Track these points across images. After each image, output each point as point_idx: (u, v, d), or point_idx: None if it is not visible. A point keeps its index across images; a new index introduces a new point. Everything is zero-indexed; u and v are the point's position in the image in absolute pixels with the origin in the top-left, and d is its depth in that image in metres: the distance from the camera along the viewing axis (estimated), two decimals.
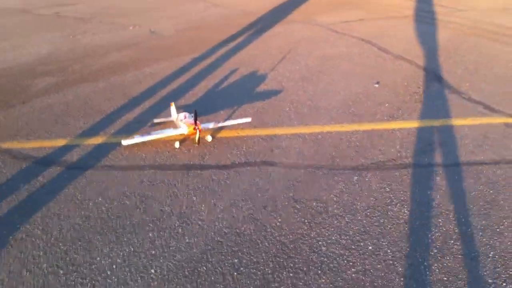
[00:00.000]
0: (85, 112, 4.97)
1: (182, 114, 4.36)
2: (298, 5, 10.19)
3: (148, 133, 4.26)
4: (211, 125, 4.33)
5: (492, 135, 4.32)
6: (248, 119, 4.52)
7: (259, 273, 2.74)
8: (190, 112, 4.35)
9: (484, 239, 2.93)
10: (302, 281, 2.63)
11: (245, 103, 5.14)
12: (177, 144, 4.22)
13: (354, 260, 2.80)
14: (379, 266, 2.69)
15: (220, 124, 4.42)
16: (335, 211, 3.30)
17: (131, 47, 7.44)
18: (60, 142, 4.30)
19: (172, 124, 4.46)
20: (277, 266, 2.80)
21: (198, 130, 4.09)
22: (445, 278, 2.59)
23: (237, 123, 4.48)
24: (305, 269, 2.74)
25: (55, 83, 5.76)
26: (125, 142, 4.16)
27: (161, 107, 5.05)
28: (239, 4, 10.58)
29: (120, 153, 4.13)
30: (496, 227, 3.07)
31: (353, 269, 2.68)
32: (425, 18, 8.94)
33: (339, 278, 2.62)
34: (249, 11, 9.83)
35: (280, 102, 5.19)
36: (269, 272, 2.73)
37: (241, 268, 2.78)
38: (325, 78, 5.92)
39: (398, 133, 4.43)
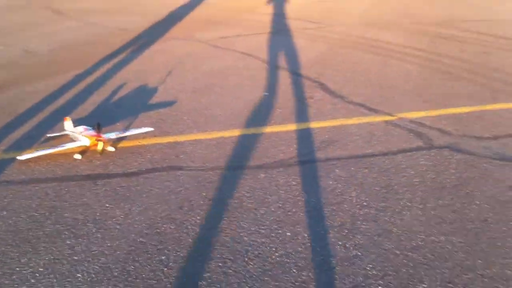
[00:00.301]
0: None
1: (80, 127, 4.37)
2: (174, 23, 10.34)
3: (47, 148, 4.21)
4: (113, 135, 4.36)
5: (376, 131, 4.72)
6: (150, 129, 4.63)
7: (188, 266, 2.82)
8: (88, 125, 4.36)
9: (386, 218, 3.27)
10: (232, 268, 2.76)
11: (141, 114, 5.22)
12: (78, 156, 4.20)
13: (276, 246, 2.98)
14: (299, 249, 2.90)
15: (122, 134, 4.45)
16: (249, 205, 3.47)
17: (6, 67, 7.20)
18: None
19: (68, 139, 4.43)
20: (205, 258, 2.91)
21: (101, 141, 4.03)
22: (359, 253, 2.88)
23: (139, 132, 4.53)
24: (232, 258, 2.88)
25: None
26: (21, 157, 4.07)
27: (52, 123, 4.96)
28: (113, 22, 10.48)
29: (16, 168, 4.03)
30: (394, 207, 3.41)
31: (276, 254, 2.88)
32: (298, 33, 9.46)
33: (266, 263, 2.79)
34: (124, 28, 9.80)
35: (176, 112, 5.30)
36: (199, 264, 2.84)
37: (170, 263, 2.86)
38: (216, 90, 6.10)
39: (293, 134, 4.67)
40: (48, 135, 4.65)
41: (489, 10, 12.16)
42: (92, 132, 4.23)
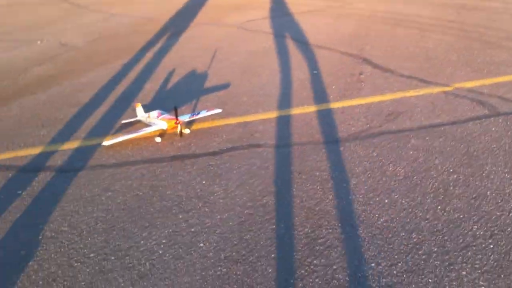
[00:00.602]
0: (41, 122, 5.00)
1: (155, 112, 4.57)
2: (197, 10, 10.50)
3: (128, 133, 4.39)
4: (187, 118, 4.54)
5: (437, 102, 4.89)
6: (219, 110, 4.76)
7: (300, 233, 3.08)
8: (161, 110, 4.61)
9: (477, 182, 3.56)
10: (344, 234, 3.07)
11: (201, 98, 5.42)
12: (158, 139, 4.38)
13: (378, 213, 3.31)
14: (401, 214, 3.25)
15: (195, 117, 4.64)
16: (340, 176, 3.74)
17: (51, 61, 7.38)
18: (34, 150, 4.35)
19: (142, 124, 4.64)
20: (314, 225, 3.17)
21: (179, 124, 4.22)
22: (461, 216, 3.19)
23: (210, 114, 4.70)
24: (339, 224, 3.18)
25: None
26: (106, 143, 4.26)
27: (118, 110, 5.24)
28: (134, 12, 10.72)
29: (104, 153, 4.23)
30: (481, 172, 3.68)
31: (381, 219, 3.21)
32: (323, 12, 9.70)
33: (372, 228, 3.16)
34: (149, 18, 10.06)
35: (234, 94, 5.49)
36: (310, 231, 3.08)
37: (282, 231, 3.09)
38: (264, 70, 6.27)
39: (356, 109, 4.83)
40: (123, 121, 4.84)
41: None
42: (169, 116, 4.45)
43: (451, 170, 3.65)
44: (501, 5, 9.07)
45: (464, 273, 2.59)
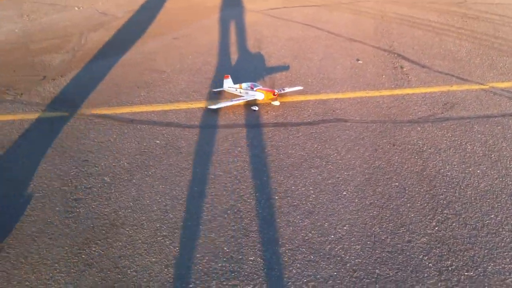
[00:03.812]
0: (132, 84, 5.89)
1: (247, 84, 5.30)
2: None
3: (228, 100, 5.16)
4: (278, 92, 5.26)
5: (481, 97, 5.73)
6: (301, 87, 5.55)
7: (417, 189, 3.87)
8: (253, 82, 5.39)
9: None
10: (454, 196, 3.90)
11: (268, 76, 6.20)
12: (255, 108, 5.11)
13: (477, 180, 4.10)
14: (502, 184, 4.10)
15: (283, 91, 5.40)
16: (430, 150, 4.53)
17: (102, 27, 8.06)
18: (147, 108, 5.15)
19: (229, 94, 5.44)
20: (423, 189, 3.99)
21: (277, 95, 5.04)
22: None
23: (294, 90, 5.47)
24: (449, 187, 3.98)
25: (69, 59, 6.44)
26: (211, 106, 4.99)
27: (197, 78, 6.09)
28: None
29: (212, 116, 5.03)
30: None
31: (481, 184, 4.01)
32: (339, 8, 10.43)
33: (477, 191, 4.01)
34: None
35: (298, 75, 6.24)
36: (422, 196, 3.91)
37: (403, 187, 3.99)
38: (312, 56, 7.00)
39: (414, 97, 5.64)
40: (213, 90, 5.60)
41: None
42: (265, 88, 5.24)
43: None
44: (499, 17, 9.95)
45: None
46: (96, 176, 3.72)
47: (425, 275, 2.90)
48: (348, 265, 2.92)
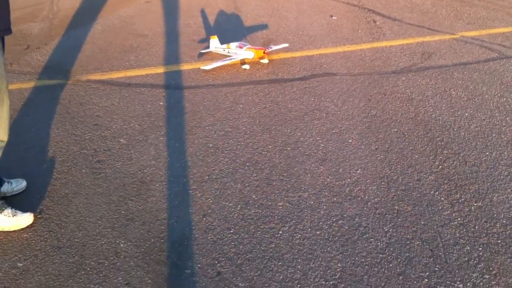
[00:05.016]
0: (119, 48, 5.97)
1: (235, 43, 5.46)
2: None
3: (219, 60, 5.29)
4: (267, 50, 5.44)
5: (454, 46, 6.09)
6: (286, 44, 5.73)
7: (416, 133, 4.23)
8: (242, 42, 5.55)
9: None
10: (450, 135, 4.26)
11: (250, 35, 6.36)
12: (246, 66, 5.27)
13: (467, 122, 4.44)
14: (490, 124, 4.42)
15: (271, 49, 5.55)
16: (418, 97, 4.88)
17: None
18: (139, 72, 5.28)
19: (217, 54, 5.58)
20: (417, 133, 4.33)
21: (266, 53, 5.28)
22: None
23: (280, 47, 5.65)
24: (444, 128, 4.32)
25: (48, 27, 6.54)
26: (204, 67, 5.12)
27: (182, 40, 6.18)
28: None
29: (206, 76, 5.17)
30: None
31: (473, 125, 4.37)
32: None
33: (465, 132, 4.30)
34: None
35: (278, 33, 6.42)
36: (424, 132, 4.25)
37: (402, 132, 4.28)
38: (287, 15, 7.17)
39: (393, 49, 5.91)
40: (201, 51, 5.72)
41: None
42: (254, 47, 5.43)
43: (499, 95, 4.79)
44: None
45: None
46: (111, 138, 3.87)
47: (440, 208, 3.19)
48: (369, 203, 3.19)
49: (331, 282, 2.65)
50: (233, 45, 5.40)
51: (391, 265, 2.76)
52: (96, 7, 7.26)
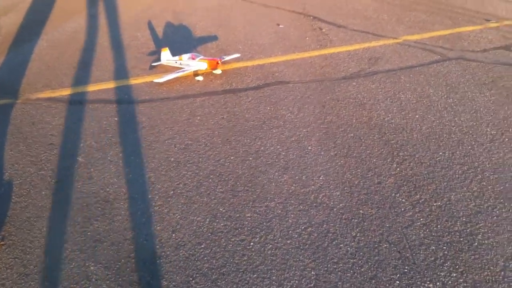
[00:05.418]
0: (68, 64, 5.85)
1: (187, 55, 5.46)
2: None
3: (172, 73, 5.28)
4: (220, 60, 5.42)
5: (398, 50, 6.27)
6: (238, 54, 5.79)
7: (374, 138, 4.32)
8: (194, 53, 5.53)
9: (475, 97, 5.00)
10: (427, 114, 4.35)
11: (201, 46, 6.39)
12: (200, 78, 5.30)
13: (423, 117, 4.57)
14: (448, 117, 4.58)
15: (224, 59, 5.60)
16: (369, 102, 4.97)
17: (12, 11, 7.94)
18: (91, 88, 5.21)
19: (169, 66, 5.58)
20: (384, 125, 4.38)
21: (219, 64, 5.32)
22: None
23: (233, 57, 5.72)
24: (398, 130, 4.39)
25: None
26: (157, 80, 5.12)
27: (130, 54, 6.18)
28: None
29: (159, 89, 5.15)
30: (469, 94, 5.09)
31: (432, 121, 4.47)
32: None
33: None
34: None
35: (227, 43, 6.45)
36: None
37: (360, 133, 4.35)
38: (235, 24, 7.21)
39: (341, 55, 6.04)
40: (152, 63, 5.67)
41: None
42: (207, 58, 5.43)
43: (446, 96, 4.96)
44: None
45: None
46: (68, 157, 3.81)
47: (402, 209, 3.29)
48: (335, 209, 3.26)
49: None
50: (185, 56, 5.40)
51: (362, 269, 2.81)
52: (40, 23, 7.11)
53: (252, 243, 2.99)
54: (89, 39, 6.41)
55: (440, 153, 3.87)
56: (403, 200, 3.33)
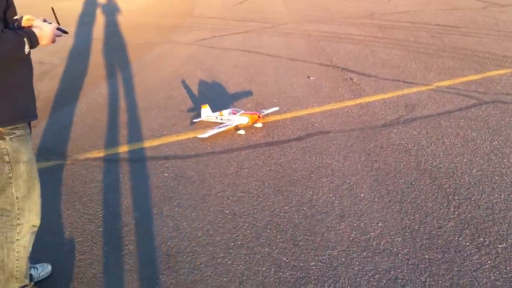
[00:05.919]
0: (110, 125, 5.97)
1: (227, 111, 5.57)
2: (133, 33, 11.54)
3: (214, 128, 5.36)
4: (261, 114, 5.53)
5: (433, 96, 6.34)
6: (277, 108, 5.89)
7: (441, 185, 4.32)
8: (235, 108, 5.66)
9: None
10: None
11: (237, 102, 6.55)
12: (241, 132, 5.34)
13: (464, 160, 4.61)
14: (490, 160, 4.59)
15: (265, 113, 5.71)
16: (413, 148, 5.01)
17: (46, 76, 8.21)
18: (133, 146, 5.32)
19: (211, 123, 5.65)
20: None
21: (260, 118, 5.40)
22: None
23: (273, 111, 5.81)
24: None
25: None
26: (200, 136, 5.19)
27: (169, 112, 6.30)
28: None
29: (204, 144, 5.23)
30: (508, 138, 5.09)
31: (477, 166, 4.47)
32: (265, 32, 11.09)
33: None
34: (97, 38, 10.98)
35: (262, 97, 6.57)
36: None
37: (413, 178, 4.40)
38: (266, 79, 7.37)
39: (376, 103, 6.13)
40: (194, 120, 5.76)
41: (389, 4, 14.18)
42: (248, 112, 5.53)
43: (490, 139, 4.96)
44: (411, 24, 11.04)
45: None
46: (125, 214, 3.83)
47: (468, 253, 3.26)
48: (399, 255, 3.23)
49: None
50: (226, 112, 5.48)
51: None
52: (75, 87, 7.29)
53: None
54: (127, 100, 6.54)
55: (496, 195, 3.84)
56: (467, 243, 3.28)
